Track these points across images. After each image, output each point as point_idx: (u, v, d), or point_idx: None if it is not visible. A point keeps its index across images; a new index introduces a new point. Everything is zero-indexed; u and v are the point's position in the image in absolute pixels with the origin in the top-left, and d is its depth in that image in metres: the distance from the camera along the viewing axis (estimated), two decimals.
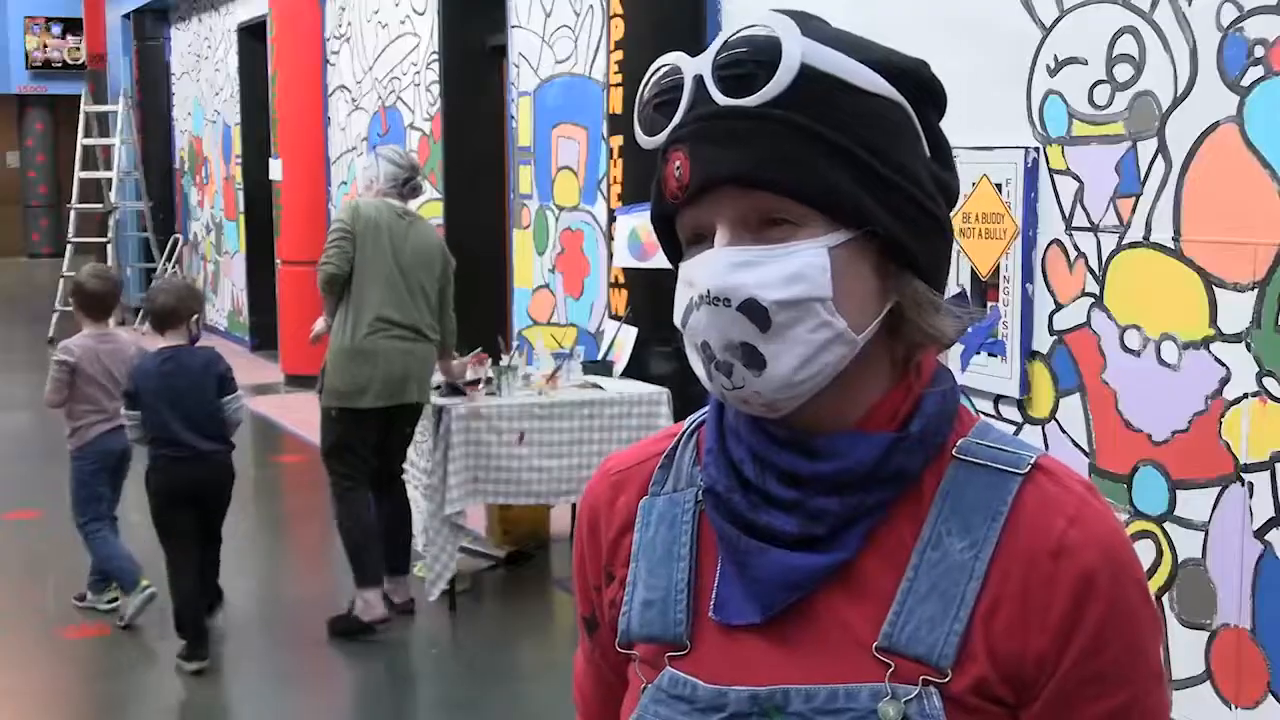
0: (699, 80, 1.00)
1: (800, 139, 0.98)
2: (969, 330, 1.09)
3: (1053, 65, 4.11)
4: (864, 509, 1.01)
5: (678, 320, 1.03)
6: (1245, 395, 3.55)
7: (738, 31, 1.00)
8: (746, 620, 1.03)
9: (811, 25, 1.01)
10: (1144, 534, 3.82)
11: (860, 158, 0.99)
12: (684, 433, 1.15)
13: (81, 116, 14.84)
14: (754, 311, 0.97)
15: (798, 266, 0.97)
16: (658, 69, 1.05)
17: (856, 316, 0.99)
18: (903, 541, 1.01)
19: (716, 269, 0.98)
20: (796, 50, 0.97)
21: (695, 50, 1.02)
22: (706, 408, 1.14)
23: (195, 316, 5.00)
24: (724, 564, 1.05)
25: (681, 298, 1.02)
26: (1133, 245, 3.86)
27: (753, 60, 0.98)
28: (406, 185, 5.26)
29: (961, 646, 0.98)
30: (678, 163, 1.00)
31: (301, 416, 9.38)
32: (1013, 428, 4.20)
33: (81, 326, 5.37)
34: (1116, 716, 1.00)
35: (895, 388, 1.04)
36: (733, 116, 0.98)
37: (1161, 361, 3.78)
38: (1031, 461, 1.02)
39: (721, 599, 1.05)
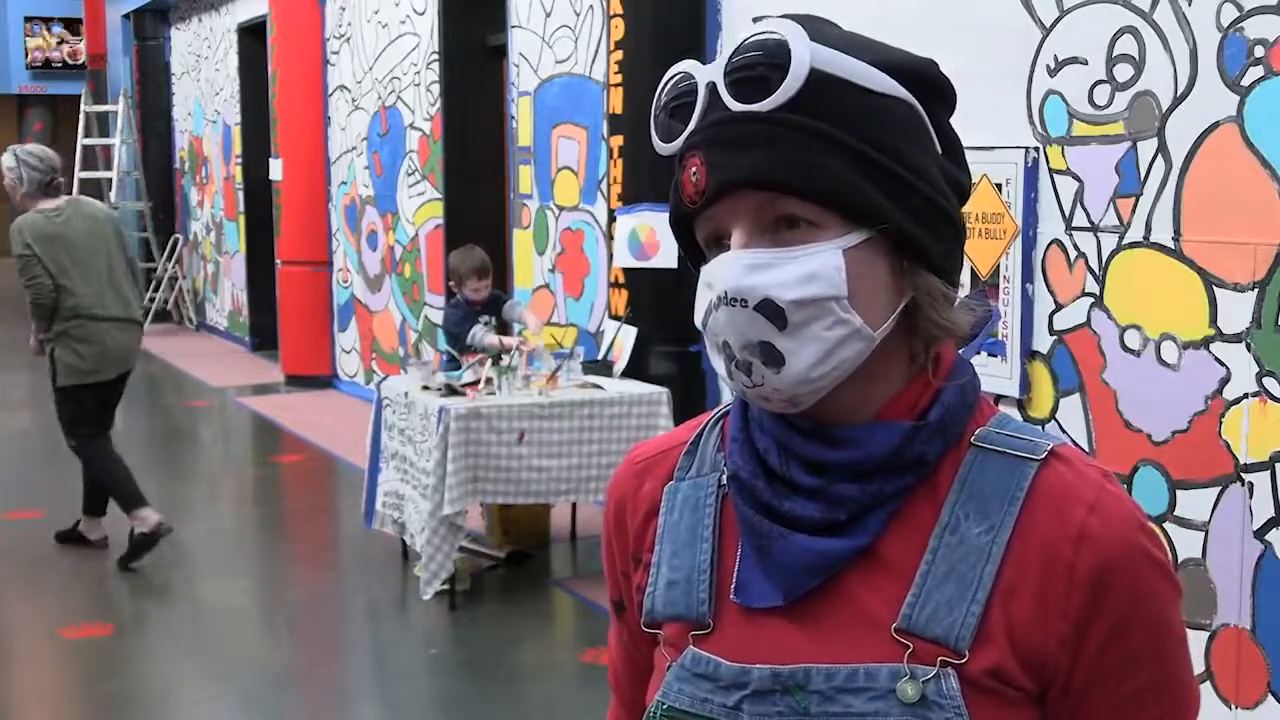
0: (711, 87, 1.02)
1: (812, 141, 1.00)
2: (986, 323, 1.12)
3: (1053, 65, 4.11)
4: (884, 496, 1.03)
5: (698, 321, 1.05)
6: (1245, 395, 3.55)
7: (748, 38, 1.02)
8: (768, 603, 1.05)
9: (820, 29, 1.03)
10: None
11: (872, 157, 1.01)
12: (708, 422, 1.18)
13: (81, 116, 14.84)
14: (771, 311, 1.00)
15: (813, 267, 0.99)
16: (671, 77, 1.07)
17: (873, 313, 1.02)
18: (922, 527, 1.04)
19: (733, 271, 1.00)
20: (805, 55, 0.99)
21: (696, 51, 1.03)
22: (726, 402, 1.17)
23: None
24: (745, 548, 1.08)
25: (702, 299, 1.04)
26: (1133, 245, 3.86)
27: (763, 65, 1.00)
28: (50, 186, 6.00)
29: (978, 629, 1.00)
30: (694, 168, 1.02)
31: (301, 417, 9.40)
32: None
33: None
34: (1147, 692, 1.04)
35: (914, 380, 1.06)
36: (746, 121, 1.01)
37: (1161, 361, 3.78)
38: (1048, 449, 1.04)
39: (742, 582, 1.07)
